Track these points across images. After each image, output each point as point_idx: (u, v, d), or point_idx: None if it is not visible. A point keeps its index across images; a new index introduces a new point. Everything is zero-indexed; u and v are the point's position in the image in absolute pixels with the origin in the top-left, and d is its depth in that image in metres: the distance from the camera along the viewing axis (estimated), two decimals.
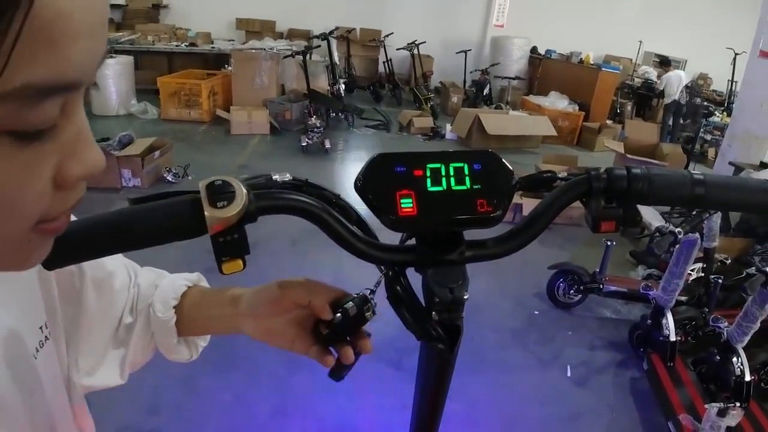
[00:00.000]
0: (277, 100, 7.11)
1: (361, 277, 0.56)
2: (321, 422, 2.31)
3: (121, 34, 8.66)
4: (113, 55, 7.49)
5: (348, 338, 0.60)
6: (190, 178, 4.86)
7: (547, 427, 2.43)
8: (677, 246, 2.60)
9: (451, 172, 0.50)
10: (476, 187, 0.50)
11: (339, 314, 0.57)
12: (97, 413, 0.68)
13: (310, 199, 0.50)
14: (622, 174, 0.52)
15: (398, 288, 0.54)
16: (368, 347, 0.59)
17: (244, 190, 0.46)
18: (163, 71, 8.14)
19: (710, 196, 0.52)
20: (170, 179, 4.82)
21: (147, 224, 0.46)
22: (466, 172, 0.50)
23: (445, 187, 0.50)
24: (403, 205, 0.48)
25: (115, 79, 6.99)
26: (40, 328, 0.53)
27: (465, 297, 0.50)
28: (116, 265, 0.67)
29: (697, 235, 2.56)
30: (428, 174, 0.50)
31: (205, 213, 0.45)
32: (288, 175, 0.56)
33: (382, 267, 0.56)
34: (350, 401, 2.40)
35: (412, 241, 0.53)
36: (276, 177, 0.55)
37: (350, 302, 0.57)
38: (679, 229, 2.67)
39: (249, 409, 2.34)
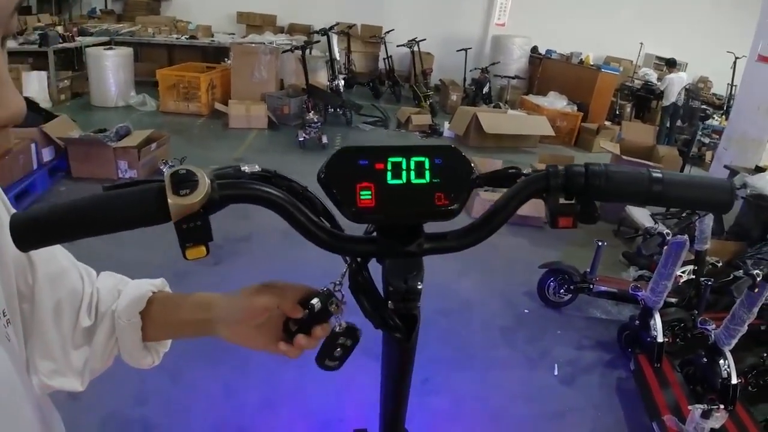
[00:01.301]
0: (276, 95, 7.11)
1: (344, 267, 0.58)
2: (308, 413, 2.33)
3: (121, 25, 8.66)
4: (113, 46, 7.49)
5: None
6: None
7: (531, 424, 2.44)
8: (666, 247, 2.61)
9: (412, 166, 0.51)
10: (435, 180, 0.51)
11: (306, 311, 0.59)
12: (84, 401, 0.69)
13: (274, 190, 0.51)
14: (580, 171, 0.53)
15: (360, 278, 0.55)
16: (319, 332, 0.60)
17: (207, 180, 0.48)
18: (162, 63, 8.15)
19: (668, 193, 0.53)
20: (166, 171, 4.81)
21: (114, 210, 0.48)
22: (427, 166, 0.52)
23: (404, 181, 0.51)
24: (362, 197, 0.50)
25: (114, 70, 6.99)
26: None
27: (419, 287, 0.51)
28: (68, 263, 0.67)
29: (686, 236, 2.58)
30: (389, 167, 0.51)
31: (168, 200, 0.46)
32: (257, 166, 0.57)
33: (347, 258, 0.58)
34: (337, 393, 2.41)
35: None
36: (245, 168, 0.56)
37: (315, 298, 0.60)
38: (667, 231, 2.68)
39: (237, 399, 2.36)
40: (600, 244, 3.18)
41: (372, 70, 9.97)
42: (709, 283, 2.98)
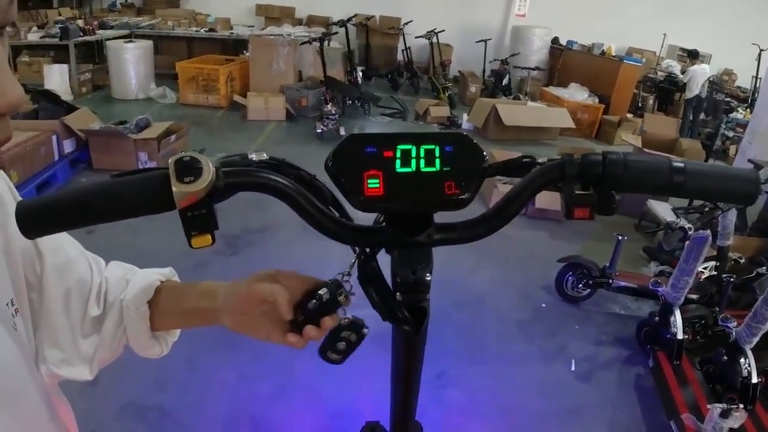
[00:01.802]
0: (294, 87, 7.11)
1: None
2: (321, 404, 2.33)
3: (141, 18, 8.74)
4: (133, 39, 7.56)
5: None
6: None
7: (547, 419, 2.42)
8: (687, 242, 2.56)
9: (422, 154, 0.50)
10: (446, 169, 0.50)
11: (314, 300, 0.58)
12: (102, 389, 0.69)
13: (281, 178, 0.50)
14: (597, 159, 0.51)
15: (368, 269, 0.54)
16: (328, 323, 0.58)
17: (212, 167, 0.47)
18: (182, 56, 8.21)
19: (690, 184, 0.51)
20: None
21: (119, 198, 0.47)
22: (437, 154, 0.50)
23: (414, 169, 0.50)
24: (369, 186, 0.48)
25: (134, 63, 7.06)
26: (7, 304, 0.54)
27: (427, 278, 0.50)
28: (76, 253, 0.67)
29: (708, 231, 2.52)
30: (398, 155, 0.50)
31: (173, 188, 0.46)
32: (264, 154, 0.56)
33: (356, 249, 0.57)
34: (350, 385, 2.42)
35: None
36: (252, 156, 0.56)
37: (324, 288, 0.58)
38: (689, 225, 2.62)
39: (251, 388, 2.37)
40: (620, 238, 3.13)
41: (390, 61, 9.93)
42: (731, 279, 2.91)
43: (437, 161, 0.50)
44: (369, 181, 0.49)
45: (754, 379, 2.32)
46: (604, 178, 0.51)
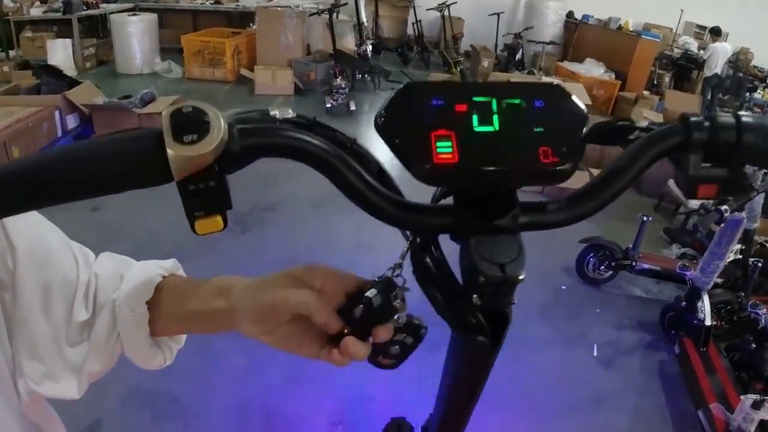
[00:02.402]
0: (302, 60, 6.94)
1: (385, 242, 0.43)
2: (332, 391, 2.24)
3: None
4: (137, 12, 7.38)
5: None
6: None
7: (569, 406, 2.32)
8: (722, 225, 2.43)
9: (505, 108, 0.37)
10: (538, 130, 0.37)
11: (361, 306, 0.44)
12: (108, 376, 0.58)
13: (317, 140, 0.37)
14: (730, 123, 0.38)
15: (428, 261, 0.42)
16: (383, 334, 0.44)
17: (223, 123, 0.34)
18: (187, 29, 8.02)
19: None
20: None
21: (95, 167, 0.34)
22: (525, 108, 0.38)
23: (497, 128, 0.37)
24: (439, 150, 0.36)
25: (139, 37, 6.90)
26: None
27: (521, 278, 0.37)
28: (58, 243, 0.54)
29: (744, 214, 2.39)
30: (474, 110, 0.37)
31: (168, 151, 0.33)
32: (290, 111, 0.43)
33: (409, 233, 0.44)
34: (363, 371, 2.32)
35: (449, 201, 0.41)
36: (275, 113, 0.42)
37: (372, 289, 0.44)
38: (725, 207, 2.48)
39: (262, 374, 2.29)
40: (645, 219, 2.99)
41: (401, 35, 9.70)
42: (759, 264, 2.79)
43: (525, 120, 0.38)
44: (438, 143, 0.36)
45: None
46: (738, 148, 0.38)
